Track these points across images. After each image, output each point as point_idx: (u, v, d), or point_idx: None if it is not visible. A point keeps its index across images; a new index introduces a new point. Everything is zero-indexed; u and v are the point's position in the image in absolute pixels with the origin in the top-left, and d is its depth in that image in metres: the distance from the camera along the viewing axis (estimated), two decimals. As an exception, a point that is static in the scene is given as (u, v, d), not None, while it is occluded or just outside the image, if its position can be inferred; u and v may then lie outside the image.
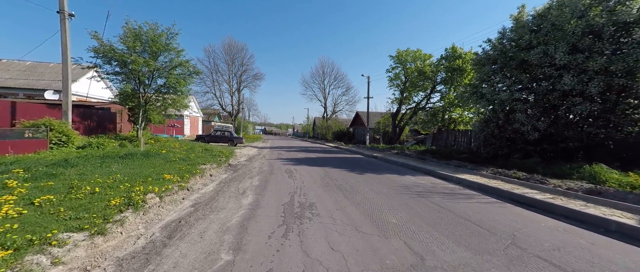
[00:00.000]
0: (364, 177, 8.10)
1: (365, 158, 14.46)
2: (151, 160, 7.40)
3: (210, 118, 47.70)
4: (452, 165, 10.09)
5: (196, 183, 6.37)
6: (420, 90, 19.58)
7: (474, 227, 3.91)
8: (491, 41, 12.06)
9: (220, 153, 11.94)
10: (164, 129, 24.04)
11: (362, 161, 12.76)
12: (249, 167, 9.64)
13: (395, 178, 7.96)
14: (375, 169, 10.00)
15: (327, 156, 15.08)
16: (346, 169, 9.82)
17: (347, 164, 11.22)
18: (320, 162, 11.96)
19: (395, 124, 22.40)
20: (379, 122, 26.70)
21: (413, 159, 12.71)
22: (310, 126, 66.06)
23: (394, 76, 23.29)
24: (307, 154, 15.91)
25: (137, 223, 3.56)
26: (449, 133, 16.63)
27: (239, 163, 10.78)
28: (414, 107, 20.27)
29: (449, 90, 16.38)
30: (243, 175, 8.03)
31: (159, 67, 12.00)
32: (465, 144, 15.11)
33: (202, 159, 9.17)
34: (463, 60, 15.64)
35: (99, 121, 13.09)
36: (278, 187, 6.34)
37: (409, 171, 9.52)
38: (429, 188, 6.58)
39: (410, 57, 20.58)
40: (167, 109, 13.51)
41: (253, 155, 14.70)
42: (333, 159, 13.35)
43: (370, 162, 12.21)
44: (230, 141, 20.72)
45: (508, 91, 10.23)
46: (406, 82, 21.89)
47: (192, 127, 29.87)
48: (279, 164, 10.90)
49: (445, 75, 16.61)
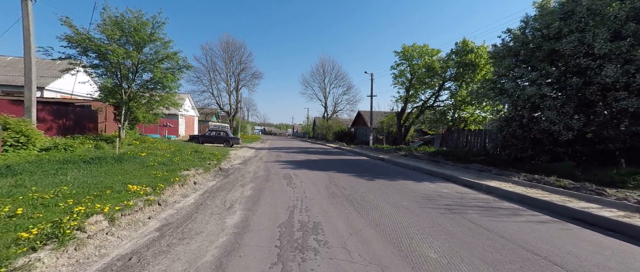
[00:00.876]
0: (375, 184, 6.94)
1: (371, 160, 13.30)
2: (124, 165, 6.23)
3: (207, 118, 46.48)
4: (472, 169, 8.93)
5: (173, 194, 5.19)
6: (428, 88, 18.45)
7: (554, 269, 2.75)
8: (511, 31, 10.92)
9: (212, 155, 10.76)
10: (157, 129, 22.85)
11: (369, 164, 11.60)
12: (242, 172, 8.47)
13: (412, 186, 6.80)
14: (386, 173, 8.84)
15: (330, 158, 13.93)
16: (352, 173, 8.65)
17: (352, 168, 10.06)
18: (322, 165, 10.80)
19: (400, 124, 21.25)
20: (383, 122, 25.55)
21: (424, 161, 11.55)
22: (310, 126, 64.92)
23: (399, 73, 22.15)
24: (307, 156, 14.76)
25: (56, 267, 2.38)
26: (459, 133, 15.48)
27: (231, 167, 9.61)
28: (421, 106, 19.12)
29: (460, 87, 15.25)
30: (234, 182, 6.86)
31: (144, 59, 10.80)
32: (479, 145, 13.96)
33: (188, 162, 8.00)
34: (476, 55, 14.52)
35: (76, 120, 11.90)
36: (274, 199, 5.17)
37: (425, 176, 8.36)
38: (458, 200, 5.41)
39: (417, 52, 19.44)
40: (153, 106, 12.30)
41: (249, 157, 13.53)
42: (336, 162, 12.19)
43: (378, 166, 11.05)
44: (226, 141, 19.56)
45: (535, 86, 9.08)
46: (412, 79, 20.74)
47: (187, 127, 28.68)
48: (277, 167, 9.74)
49: (456, 71, 15.48)
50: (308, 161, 12.48)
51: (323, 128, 41.30)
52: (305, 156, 14.67)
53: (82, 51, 9.65)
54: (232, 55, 43.90)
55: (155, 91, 12.38)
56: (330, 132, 38.05)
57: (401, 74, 22.16)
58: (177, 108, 13.90)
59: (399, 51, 20.98)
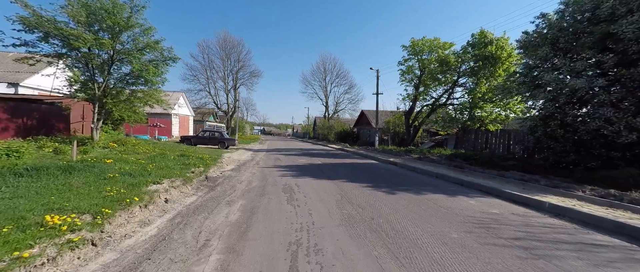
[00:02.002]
0: (399, 199, 5.45)
1: (381, 165, 11.81)
2: (71, 178, 4.74)
3: (204, 118, 44.97)
4: (510, 178, 7.44)
5: (128, 222, 3.70)
6: (440, 85, 16.96)
7: None
8: (547, 16, 9.45)
9: (200, 160, 9.27)
10: (147, 130, 21.35)
11: (380, 170, 10.11)
12: (233, 182, 6.98)
13: (447, 202, 5.31)
14: (406, 183, 7.35)
15: (335, 162, 12.44)
16: (366, 183, 7.16)
17: (363, 175, 8.56)
18: (328, 171, 9.31)
19: (408, 124, 19.76)
20: (389, 122, 24.04)
21: (444, 166, 10.07)
22: (310, 126, 63.45)
23: (407, 69, 20.67)
24: (310, 159, 13.27)
25: None
26: (477, 134, 13.99)
27: (221, 175, 8.11)
28: (432, 104, 17.64)
29: (479, 82, 13.78)
30: (220, 197, 5.38)
31: (121, 49, 9.29)
32: (502, 147, 12.47)
33: (165, 171, 6.50)
34: (496, 47, 13.05)
35: (41, 119, 10.34)
36: (270, 228, 3.69)
37: (455, 187, 6.87)
38: (525, 228, 3.93)
39: (427, 46, 17.95)
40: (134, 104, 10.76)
41: (244, 161, 12.04)
42: (343, 167, 10.70)
43: (392, 172, 9.55)
44: (220, 143, 18.07)
45: (584, 77, 7.60)
46: (421, 75, 19.24)
47: (181, 128, 27.18)
48: (276, 175, 8.25)
49: (473, 66, 13.99)
50: (311, 165, 11.00)
51: (324, 128, 39.80)
52: (307, 160, 13.19)
53: (42, 37, 8.14)
54: (230, 52, 42.44)
55: (136, 86, 10.86)
56: (332, 133, 36.56)
57: (409, 70, 20.67)
58: (162, 105, 12.41)
59: (407, 45, 19.49)
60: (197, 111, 42.18)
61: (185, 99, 29.43)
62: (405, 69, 20.76)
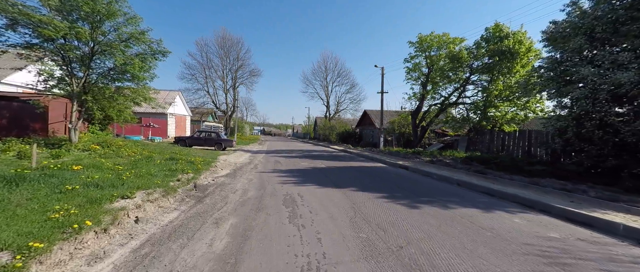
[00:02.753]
0: (425, 216, 4.45)
1: (391, 169, 10.80)
2: (15, 192, 3.74)
3: (203, 118, 43.97)
4: (547, 186, 6.44)
5: (72, 258, 2.71)
6: (450, 82, 15.99)
7: None
8: (577, 4, 8.47)
9: (190, 165, 8.29)
10: (141, 130, 20.36)
11: (392, 175, 9.11)
12: (225, 192, 5.98)
13: (485, 220, 4.31)
14: (427, 192, 6.35)
15: (340, 165, 11.44)
16: (380, 192, 6.17)
17: (374, 181, 7.56)
18: (334, 176, 8.30)
19: (415, 124, 18.77)
20: (394, 122, 23.04)
21: (462, 171, 9.07)
22: (311, 127, 62.47)
23: (413, 67, 19.69)
24: (312, 162, 12.27)
25: None
26: (493, 135, 12.99)
27: (214, 181, 7.11)
28: (441, 103, 16.64)
29: (495, 79, 12.76)
30: (207, 213, 4.38)
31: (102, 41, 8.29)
32: (521, 150, 11.48)
33: (144, 179, 5.50)
34: (514, 41, 12.07)
35: (13, 119, 9.32)
36: (266, 266, 2.69)
37: (488, 199, 5.87)
38: (613, 267, 2.93)
39: (436, 42, 16.96)
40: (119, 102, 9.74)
41: (242, 164, 11.05)
42: (349, 171, 9.70)
43: (406, 178, 8.55)
44: (217, 144, 17.06)
45: (632, 71, 6.61)
46: (429, 73, 18.26)
47: (178, 128, 26.18)
48: (275, 181, 7.25)
49: (488, 62, 12.99)
50: (314, 169, 10.00)
51: (325, 129, 38.81)
52: (309, 162, 12.19)
53: (8, 24, 7.14)
54: (229, 51, 41.43)
55: (122, 83, 9.86)
56: (334, 133, 35.56)
57: (415, 68, 19.69)
58: (151, 104, 11.41)
59: (414, 41, 18.51)
60: (195, 111, 41.18)
61: (182, 99, 28.45)
62: (412, 67, 19.79)
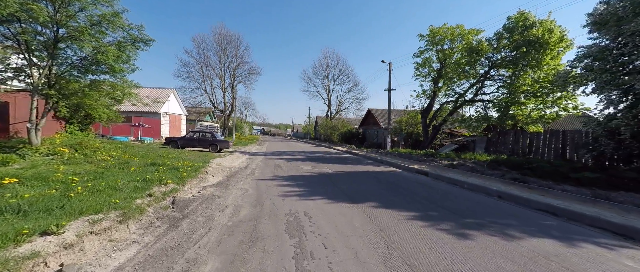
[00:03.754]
0: (488, 252, 3.12)
1: (408, 175, 9.45)
2: None
3: (200, 117, 42.59)
4: (623, 202, 5.09)
5: None
6: (466, 78, 14.64)
7: None
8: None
9: (173, 172, 6.94)
10: (130, 131, 18.98)
11: (412, 183, 7.76)
12: (211, 210, 4.63)
13: (584, 263, 2.97)
14: (468, 210, 5.00)
15: (348, 170, 10.08)
16: (410, 210, 4.82)
17: (396, 192, 6.21)
18: (345, 185, 6.94)
19: (426, 123, 17.42)
20: (401, 121, 21.67)
21: (496, 178, 7.74)
22: (311, 126, 61.11)
23: (423, 62, 18.34)
24: (316, 166, 10.91)
25: None
26: (518, 136, 11.65)
27: (199, 194, 5.75)
28: (455, 101, 15.28)
29: (522, 73, 11.34)
30: (178, 249, 3.04)
31: (65, 23, 6.89)
32: (553, 152, 10.14)
33: (102, 196, 4.16)
34: (543, 29, 10.71)
35: None
36: None
37: (556, 221, 4.52)
38: None
39: (449, 34, 15.61)
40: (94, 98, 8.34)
41: (237, 169, 9.71)
42: (361, 177, 8.34)
43: (431, 188, 7.20)
44: (212, 145, 15.70)
45: None
46: (441, 68, 16.91)
47: (172, 128, 24.81)
48: (275, 193, 5.90)
49: (512, 54, 11.60)
50: (320, 175, 8.65)
51: (327, 128, 37.43)
52: (313, 166, 10.84)
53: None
54: (227, 48, 40.04)
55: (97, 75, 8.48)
56: (336, 133, 34.20)
57: (425, 63, 18.33)
58: (132, 100, 10.03)
59: (425, 34, 17.16)
60: (192, 110, 39.79)
61: (177, 97, 27.07)
62: (422, 62, 18.43)
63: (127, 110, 21.87)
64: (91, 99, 8.14)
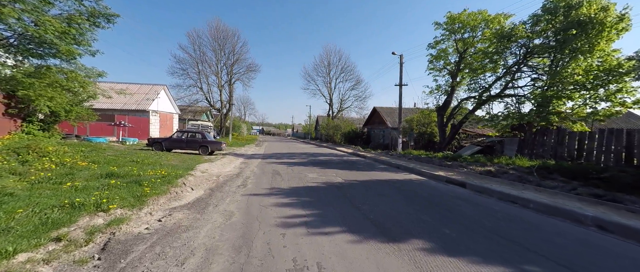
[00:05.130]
0: None
1: (441, 186, 7.60)
2: None
3: (196, 116, 40.71)
4: None
5: None
6: (492, 70, 12.78)
7: None
8: None
9: (133, 187, 5.08)
10: (113, 131, 17.08)
11: (455, 200, 5.91)
12: (166, 261, 2.75)
13: None
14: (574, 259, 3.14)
15: (363, 178, 8.20)
16: (487, 260, 2.96)
17: (447, 220, 4.35)
18: (367, 205, 5.06)
19: (442, 122, 15.58)
20: (412, 120, 19.81)
21: (563, 193, 5.89)
22: (312, 126, 59.28)
23: (438, 54, 16.51)
24: (323, 173, 9.02)
25: None
26: (564, 135, 9.80)
27: (158, 224, 3.87)
28: (478, 96, 13.42)
29: (572, 59, 9.43)
30: None
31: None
32: (614, 156, 8.28)
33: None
34: (597, 8, 8.86)
35: None
36: None
37: None
38: None
39: (472, 20, 13.76)
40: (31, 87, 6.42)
41: (227, 177, 7.84)
42: (383, 190, 6.45)
43: (487, 210, 5.35)
44: (202, 147, 13.84)
45: None
46: (461, 60, 15.08)
47: (162, 127, 22.90)
48: (272, 220, 4.03)
49: (557, 38, 9.73)
50: (329, 187, 6.77)
51: (329, 128, 35.56)
52: (319, 173, 8.97)
53: None
54: (224, 44, 38.15)
55: (42, 59, 6.59)
56: (338, 133, 32.34)
57: (440, 56, 16.50)
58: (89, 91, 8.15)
59: (442, 22, 15.34)
60: (187, 109, 37.91)
61: (169, 94, 25.14)
62: (436, 54, 16.60)
63: (110, 108, 20.01)
64: (32, 90, 6.25)
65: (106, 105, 20.29)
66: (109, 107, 20.08)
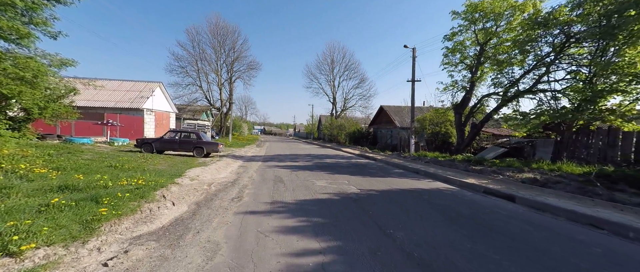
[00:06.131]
0: None
1: (480, 199, 6.21)
2: None
3: (195, 115, 39.52)
4: None
5: None
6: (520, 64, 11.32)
7: None
8: None
9: (86, 205, 3.74)
10: (102, 131, 15.82)
11: (511, 222, 4.53)
12: None
13: None
14: None
15: (382, 188, 6.81)
16: None
17: (515, 257, 2.96)
18: (399, 229, 3.68)
19: (461, 122, 14.16)
20: (424, 119, 18.37)
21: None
22: (314, 126, 57.91)
23: (455, 47, 15.09)
24: (333, 180, 7.63)
25: None
26: (617, 136, 8.36)
27: (118, 265, 2.51)
28: (504, 92, 11.91)
29: (631, 46, 7.96)
30: None
31: None
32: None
33: None
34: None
35: None
36: None
37: None
38: None
39: (498, 6, 12.29)
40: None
41: (219, 187, 6.49)
42: (412, 206, 5.07)
43: (568, 240, 3.96)
44: (197, 148, 12.53)
45: None
46: (481, 52, 13.65)
47: (158, 127, 21.64)
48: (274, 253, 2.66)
49: (604, 23, 8.30)
50: (344, 200, 5.40)
51: (333, 128, 34.16)
52: (328, 180, 7.59)
53: None
54: (224, 40, 36.80)
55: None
56: (343, 133, 30.95)
57: (457, 49, 15.08)
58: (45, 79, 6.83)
59: (461, 11, 13.91)
60: (186, 109, 36.67)
61: (165, 91, 23.87)
62: (453, 47, 15.17)
63: (101, 106, 18.79)
64: None
65: (97, 103, 19.09)
66: (100, 105, 18.87)
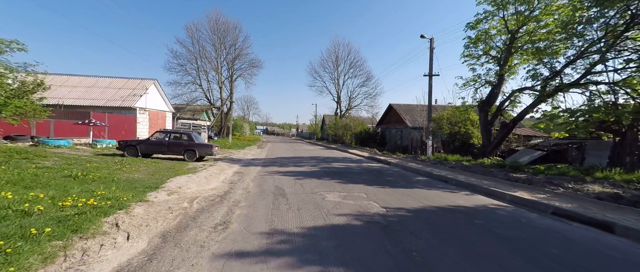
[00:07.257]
0: None
1: (546, 221, 4.59)
2: None
3: (195, 115, 38.19)
4: None
5: None
6: (563, 50, 9.62)
7: None
8: None
9: None
10: (87, 131, 14.41)
11: (623, 266, 2.88)
12: None
13: None
14: None
15: (415, 207, 5.22)
16: None
17: None
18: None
19: (486, 121, 12.50)
20: (441, 118, 16.65)
21: None
22: (318, 126, 56.36)
23: (478, 36, 13.44)
24: (347, 192, 6.05)
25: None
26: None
27: None
28: (542, 86, 10.21)
29: None
30: None
31: None
32: None
33: None
34: None
35: None
36: None
37: None
38: None
39: (533, -12, 10.64)
40: None
41: (204, 204, 4.89)
42: (463, 232, 3.44)
43: None
44: (188, 151, 11.05)
45: None
46: (512, 42, 11.97)
47: (153, 127, 20.23)
48: None
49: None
50: (370, 230, 3.82)
51: (338, 128, 32.55)
52: (342, 194, 6.00)
53: None
54: (224, 37, 35.40)
55: None
56: (348, 134, 29.35)
57: (480, 39, 13.44)
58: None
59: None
60: (186, 108, 35.38)
61: (160, 89, 22.46)
62: (476, 36, 13.52)
63: (88, 105, 17.43)
64: None
65: (85, 101, 17.75)
66: (88, 104, 17.52)
